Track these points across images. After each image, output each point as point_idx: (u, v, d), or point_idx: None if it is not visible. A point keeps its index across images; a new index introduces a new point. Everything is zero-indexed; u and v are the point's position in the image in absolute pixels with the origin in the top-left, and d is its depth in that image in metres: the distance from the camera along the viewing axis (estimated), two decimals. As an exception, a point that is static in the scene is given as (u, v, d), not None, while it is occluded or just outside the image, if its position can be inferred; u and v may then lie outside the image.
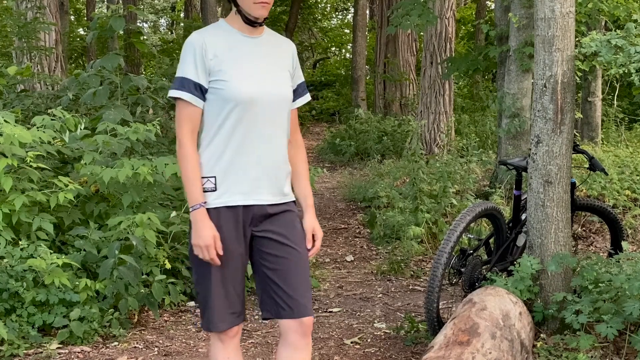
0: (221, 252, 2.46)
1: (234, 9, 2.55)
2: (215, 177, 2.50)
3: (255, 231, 2.56)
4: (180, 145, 2.49)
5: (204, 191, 2.49)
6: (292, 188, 2.70)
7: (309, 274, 2.64)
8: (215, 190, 2.49)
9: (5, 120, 4.68)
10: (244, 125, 2.48)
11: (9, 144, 4.46)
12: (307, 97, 2.74)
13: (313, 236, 2.67)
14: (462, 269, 4.17)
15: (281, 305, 2.55)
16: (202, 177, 2.50)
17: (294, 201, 2.66)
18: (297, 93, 2.68)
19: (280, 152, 2.58)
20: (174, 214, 4.98)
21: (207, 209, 2.48)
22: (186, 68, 2.48)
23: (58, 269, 4.12)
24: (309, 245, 2.66)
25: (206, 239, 2.44)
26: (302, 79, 2.71)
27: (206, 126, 2.53)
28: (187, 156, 2.48)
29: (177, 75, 2.52)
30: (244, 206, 2.51)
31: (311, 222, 2.66)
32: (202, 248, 2.45)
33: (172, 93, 2.50)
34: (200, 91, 2.48)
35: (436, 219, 6.57)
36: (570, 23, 3.83)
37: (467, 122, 12.38)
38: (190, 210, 2.48)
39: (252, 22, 2.53)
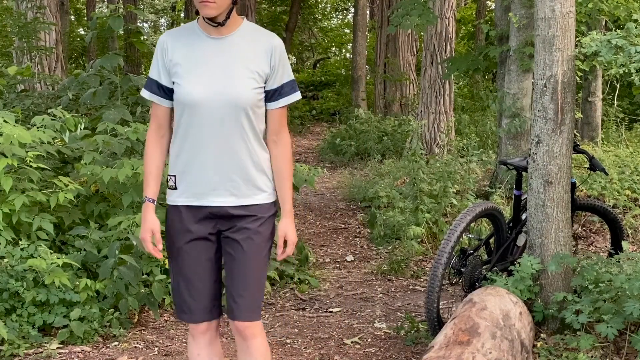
0: (160, 246, 2.59)
1: None
2: (175, 175, 2.59)
3: (223, 230, 2.60)
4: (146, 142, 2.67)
5: (169, 188, 2.61)
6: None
7: (255, 279, 2.60)
8: (176, 188, 2.58)
9: (5, 120, 4.68)
10: (196, 128, 2.51)
11: (9, 144, 4.46)
12: (293, 97, 2.62)
13: (285, 242, 2.66)
14: (463, 269, 4.17)
15: (228, 304, 2.63)
16: (168, 175, 2.62)
17: (272, 202, 2.63)
18: (281, 92, 2.59)
19: (240, 155, 2.53)
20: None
21: (171, 206, 2.60)
22: (152, 68, 2.61)
23: (58, 268, 4.12)
24: (279, 251, 2.67)
25: (141, 232, 2.60)
26: (289, 78, 2.61)
27: (174, 125, 2.61)
28: (145, 153, 2.65)
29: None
30: (203, 206, 2.56)
31: (284, 227, 2.65)
32: (141, 237, 2.61)
33: (141, 92, 2.65)
34: (163, 90, 2.57)
35: (436, 218, 6.56)
36: (570, 23, 3.83)
37: (467, 122, 12.37)
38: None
39: (210, 22, 2.50)
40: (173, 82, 2.54)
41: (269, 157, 2.62)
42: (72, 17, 20.96)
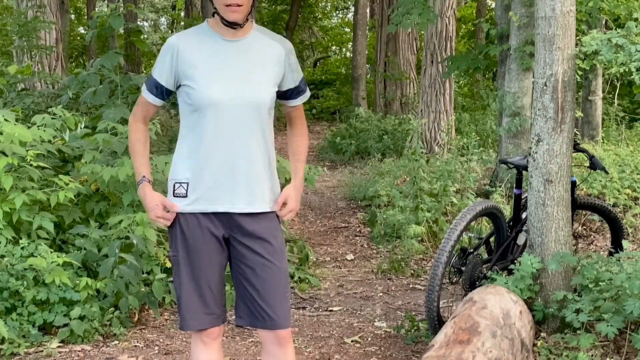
0: (175, 209, 2.50)
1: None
2: (188, 183, 2.51)
3: (234, 237, 2.55)
4: (128, 126, 2.61)
5: (175, 196, 2.52)
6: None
7: (286, 287, 2.63)
8: (186, 196, 2.51)
9: (5, 119, 4.69)
10: (212, 131, 2.47)
11: (9, 142, 4.46)
12: (307, 95, 2.74)
13: (285, 204, 2.62)
14: (463, 268, 4.17)
15: (256, 316, 2.58)
16: (175, 182, 2.54)
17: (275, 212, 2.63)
18: (298, 90, 2.67)
19: (257, 158, 2.53)
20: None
21: (180, 214, 2.52)
22: (156, 68, 2.56)
23: (58, 267, 4.12)
24: (277, 208, 2.61)
25: (150, 208, 2.51)
26: (302, 76, 2.69)
27: (181, 129, 2.56)
28: (131, 137, 2.60)
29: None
30: (216, 213, 2.51)
31: (288, 191, 2.63)
32: (152, 217, 2.53)
33: (142, 88, 2.64)
34: (161, 92, 2.55)
35: (436, 217, 6.57)
36: (570, 22, 3.83)
37: (467, 121, 12.38)
38: (137, 186, 2.56)
39: (230, 25, 2.49)
40: (180, 86, 2.50)
41: (275, 159, 2.65)
42: (72, 16, 20.97)
